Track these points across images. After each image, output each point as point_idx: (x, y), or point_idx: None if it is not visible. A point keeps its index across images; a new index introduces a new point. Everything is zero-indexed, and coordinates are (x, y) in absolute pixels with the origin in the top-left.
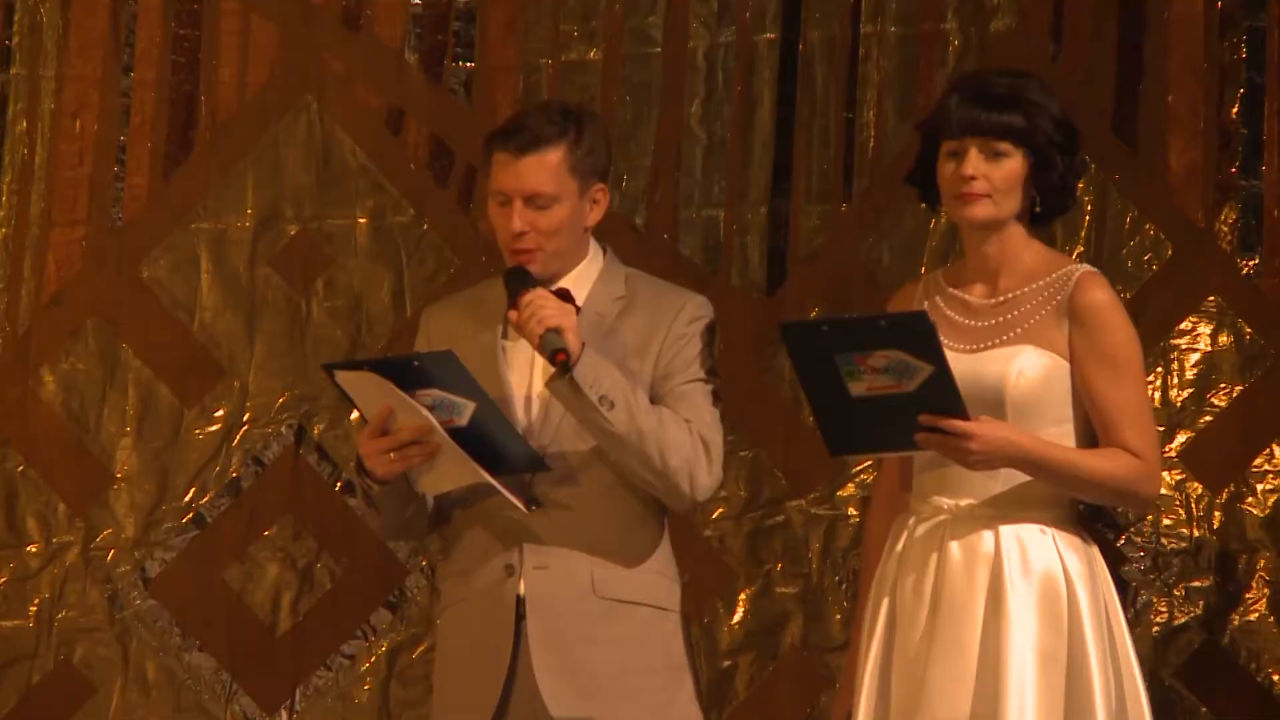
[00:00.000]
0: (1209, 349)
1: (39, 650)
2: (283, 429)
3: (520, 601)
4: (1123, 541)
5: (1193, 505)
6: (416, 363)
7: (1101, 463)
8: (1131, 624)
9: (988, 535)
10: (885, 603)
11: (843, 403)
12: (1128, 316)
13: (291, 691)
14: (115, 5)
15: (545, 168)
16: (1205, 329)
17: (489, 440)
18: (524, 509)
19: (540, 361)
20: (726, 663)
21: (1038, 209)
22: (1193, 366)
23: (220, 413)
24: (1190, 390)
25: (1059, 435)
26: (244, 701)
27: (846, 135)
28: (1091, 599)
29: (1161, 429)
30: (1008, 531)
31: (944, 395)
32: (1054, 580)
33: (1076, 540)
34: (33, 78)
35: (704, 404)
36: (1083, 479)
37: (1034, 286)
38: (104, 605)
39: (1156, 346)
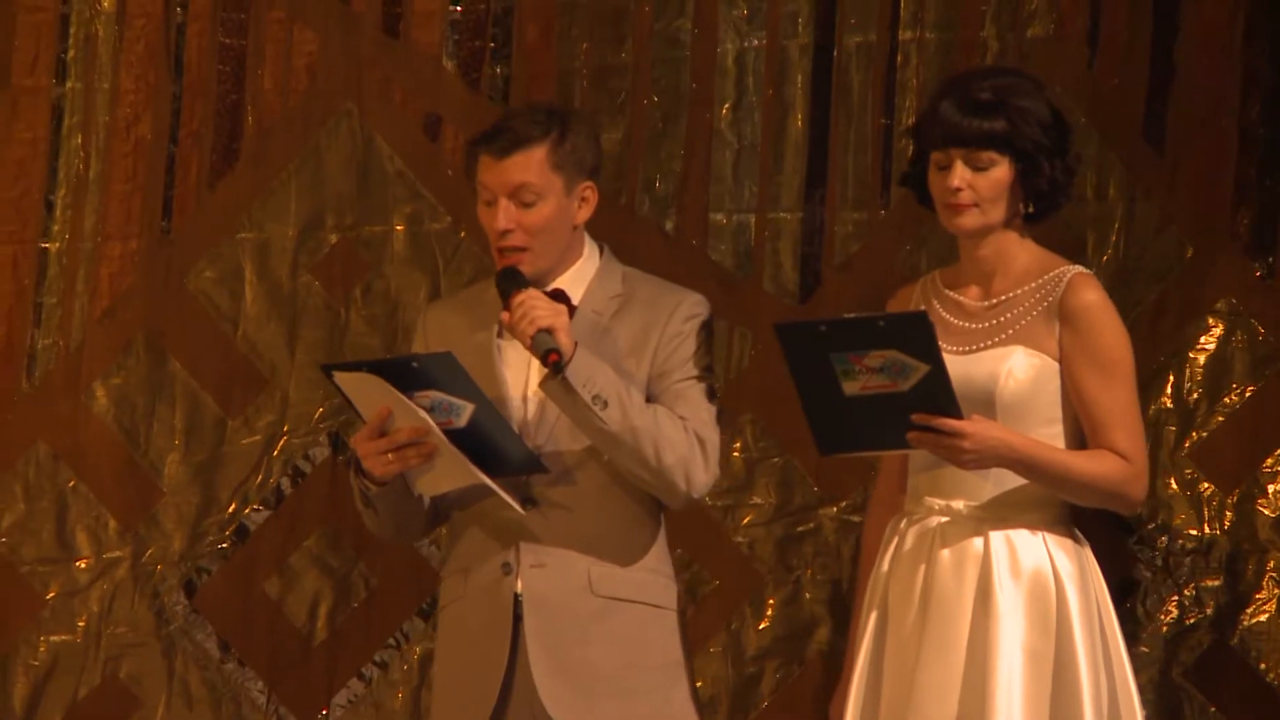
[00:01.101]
0: (1222, 349)
1: (86, 664)
2: (321, 438)
3: (518, 600)
4: (1135, 541)
5: (1204, 505)
6: (415, 364)
7: (1090, 464)
8: (1142, 623)
9: (977, 536)
10: (877, 603)
11: (835, 402)
12: (1119, 318)
13: (327, 700)
14: (167, 16)
15: (529, 164)
16: (1219, 329)
17: (486, 441)
18: (519, 510)
19: (537, 362)
20: (752, 668)
21: (1030, 210)
22: (1206, 367)
23: (262, 423)
24: (1203, 390)
25: (1049, 436)
26: (282, 711)
27: (884, 142)
28: (1082, 599)
29: (1174, 429)
30: (998, 533)
31: (939, 395)
32: (1043, 580)
33: (1068, 541)
34: (88, 91)
35: (700, 401)
36: (1072, 480)
37: (1027, 288)
38: (150, 619)
39: (1172, 347)
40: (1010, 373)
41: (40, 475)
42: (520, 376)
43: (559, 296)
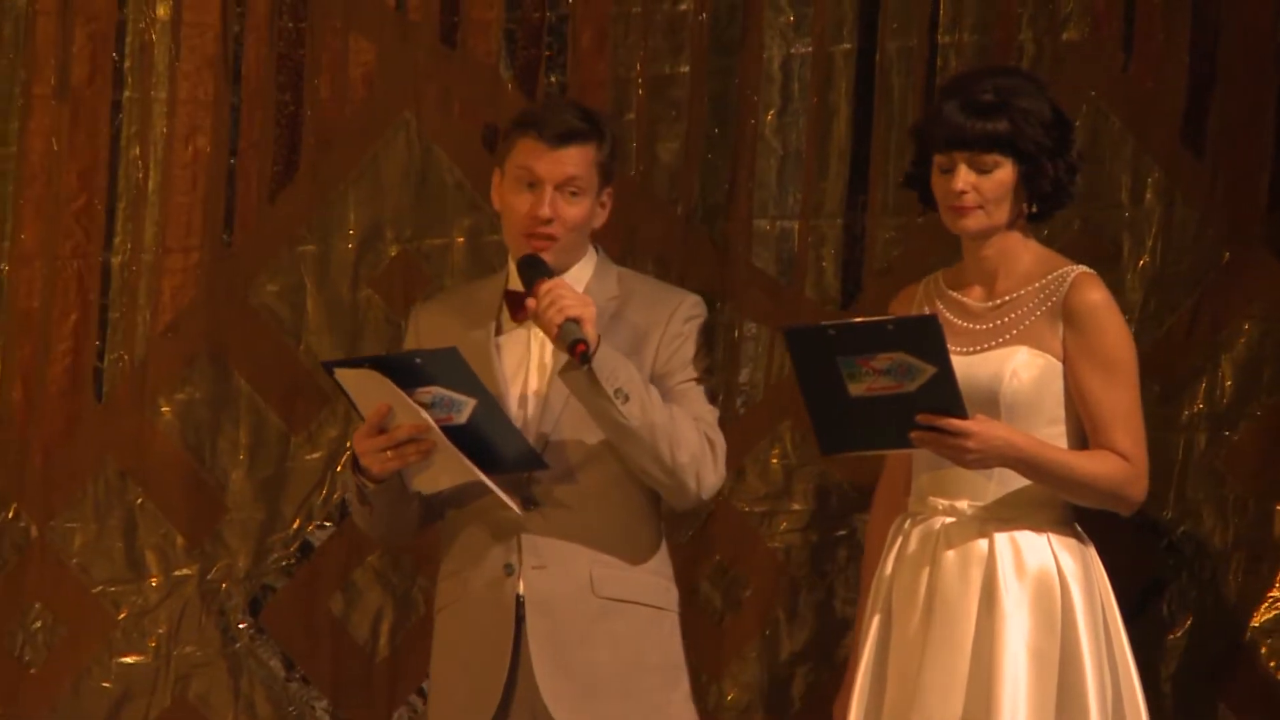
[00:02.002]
0: (1256, 354)
1: (157, 686)
2: None
3: (520, 601)
4: (1164, 546)
5: (1231, 509)
6: (418, 360)
7: (1091, 464)
8: (1167, 625)
9: (982, 538)
10: (880, 606)
11: (840, 403)
12: (1122, 318)
13: (388, 717)
14: (224, 26)
15: (582, 158)
16: (1254, 332)
17: (487, 439)
18: (518, 509)
19: (536, 359)
20: (785, 672)
21: (1033, 210)
22: (1238, 371)
23: (325, 438)
24: (1234, 395)
25: (1052, 436)
26: None
27: None
28: (1086, 598)
29: (1205, 434)
30: (1002, 533)
31: (944, 395)
32: (1048, 580)
33: (1072, 541)
34: (144, 101)
35: (703, 403)
36: (1073, 480)
37: (1030, 289)
38: (217, 638)
39: (1207, 351)
40: (1014, 373)
41: (109, 493)
42: (519, 375)
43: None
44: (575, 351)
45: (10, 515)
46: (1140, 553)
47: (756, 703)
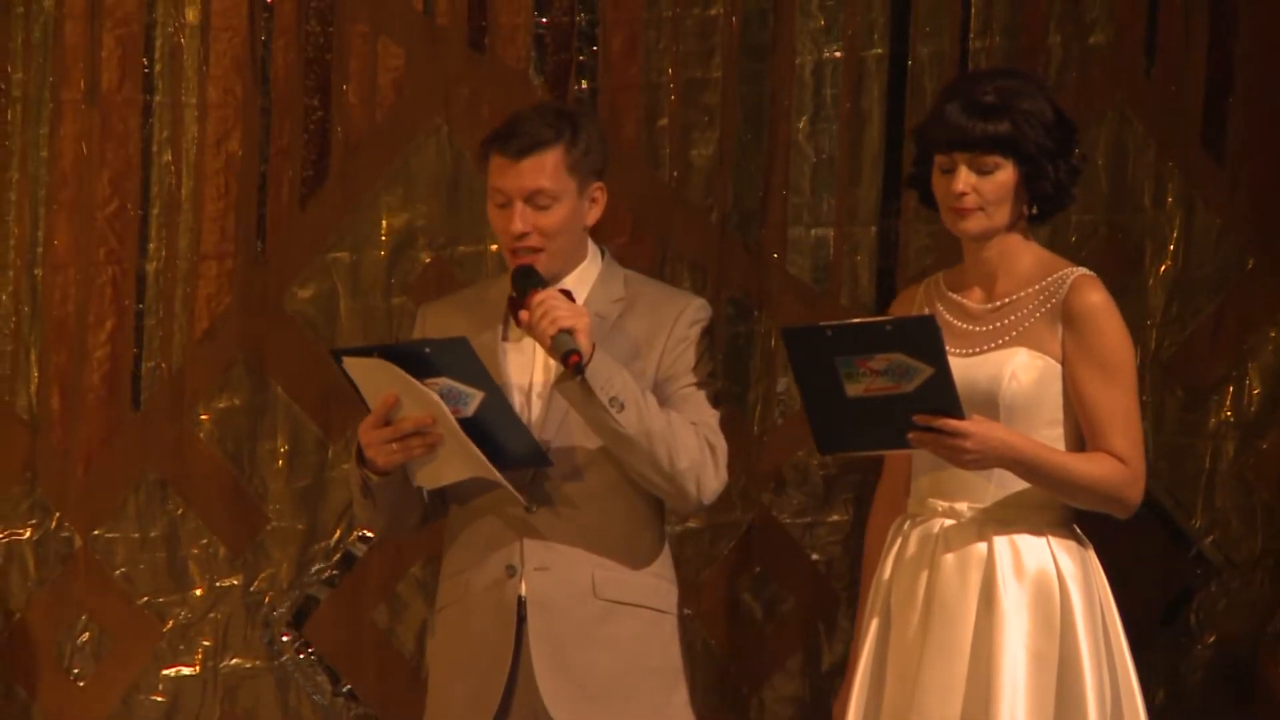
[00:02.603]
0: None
1: (205, 698)
2: None
3: (521, 602)
4: (1193, 555)
5: (1257, 516)
6: (428, 349)
7: (1088, 467)
8: (1194, 635)
9: (981, 540)
10: (879, 610)
11: (837, 403)
12: (1122, 321)
13: None
14: (251, 30)
15: (544, 168)
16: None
17: (492, 433)
18: (524, 502)
19: (541, 361)
20: (826, 684)
21: (1034, 211)
22: (1265, 378)
23: None
24: (1261, 402)
25: (1051, 438)
26: None
27: None
28: (1086, 601)
29: (1232, 442)
30: (1001, 535)
31: (941, 396)
32: (1047, 582)
33: (1071, 543)
34: (175, 106)
35: (706, 407)
36: (1070, 482)
37: (1030, 290)
38: (263, 650)
39: (1232, 358)
40: (1013, 374)
41: (150, 503)
42: (525, 378)
43: (565, 297)
44: (569, 363)
45: (53, 525)
46: (1168, 562)
47: (798, 715)
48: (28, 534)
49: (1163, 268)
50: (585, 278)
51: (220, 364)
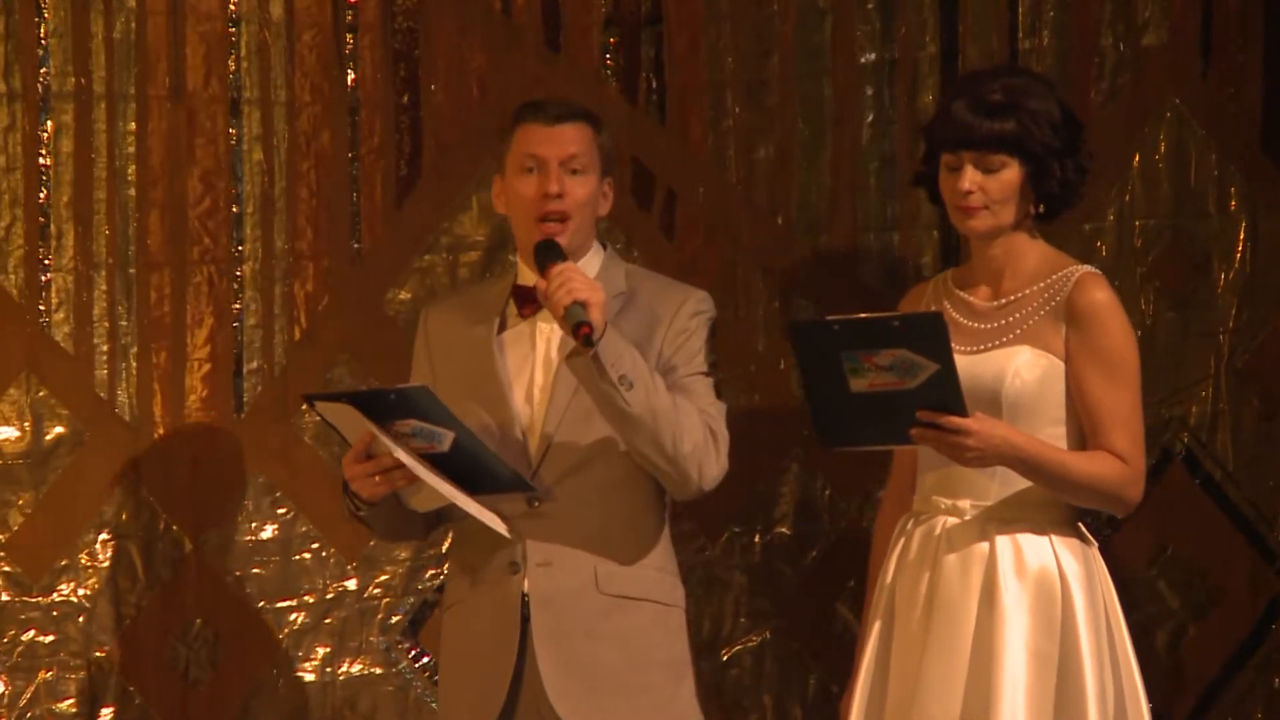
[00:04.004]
0: None
1: (326, 704)
2: None
3: (525, 599)
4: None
5: None
6: (393, 396)
7: (1089, 465)
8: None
9: (983, 540)
10: (882, 611)
11: (841, 398)
12: (1126, 319)
13: None
14: (336, 26)
15: (581, 135)
16: None
17: (471, 466)
18: (502, 530)
19: (541, 355)
20: None
21: (1040, 210)
22: None
23: None
24: None
25: (1054, 436)
26: None
27: None
28: (1088, 600)
29: None
30: (1003, 533)
31: (945, 393)
32: (1049, 581)
33: (1074, 542)
34: (264, 103)
35: (708, 395)
36: (1070, 480)
37: (1035, 288)
38: (381, 657)
39: None
40: (1017, 372)
41: (258, 506)
42: (524, 371)
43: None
44: (579, 334)
45: (161, 528)
46: (1254, 576)
47: None
48: (135, 536)
49: (1230, 274)
50: (589, 269)
51: (322, 365)
